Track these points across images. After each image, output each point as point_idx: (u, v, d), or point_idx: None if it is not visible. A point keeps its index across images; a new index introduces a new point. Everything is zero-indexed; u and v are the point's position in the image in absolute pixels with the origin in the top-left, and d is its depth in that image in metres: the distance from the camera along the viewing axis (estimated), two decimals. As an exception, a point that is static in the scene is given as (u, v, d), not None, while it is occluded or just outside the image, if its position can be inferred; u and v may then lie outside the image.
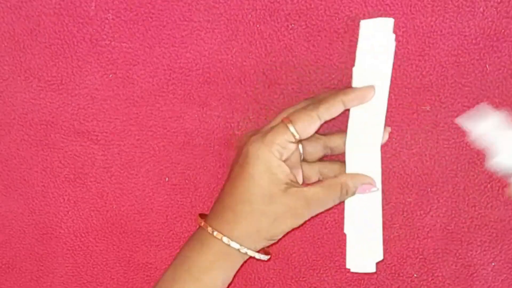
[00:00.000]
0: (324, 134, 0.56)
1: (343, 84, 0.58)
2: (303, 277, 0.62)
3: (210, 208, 0.62)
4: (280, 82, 0.59)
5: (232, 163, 0.52)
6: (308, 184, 0.55)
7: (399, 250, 0.61)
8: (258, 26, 0.58)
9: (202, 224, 0.51)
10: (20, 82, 0.61)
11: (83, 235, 0.63)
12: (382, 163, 0.59)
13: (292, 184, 0.50)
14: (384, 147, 0.59)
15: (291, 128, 0.49)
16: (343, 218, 0.54)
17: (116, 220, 0.63)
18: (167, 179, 0.62)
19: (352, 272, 0.61)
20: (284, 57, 0.58)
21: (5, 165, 0.63)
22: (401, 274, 0.61)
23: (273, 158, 0.49)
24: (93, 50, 0.59)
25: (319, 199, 0.50)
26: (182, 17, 0.58)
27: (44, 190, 0.63)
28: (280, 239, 0.51)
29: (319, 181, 0.53)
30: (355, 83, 0.52)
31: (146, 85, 0.60)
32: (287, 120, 0.50)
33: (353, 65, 0.58)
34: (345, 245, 0.61)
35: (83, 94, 0.60)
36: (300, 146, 0.54)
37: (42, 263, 0.64)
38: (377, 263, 0.61)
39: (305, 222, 0.51)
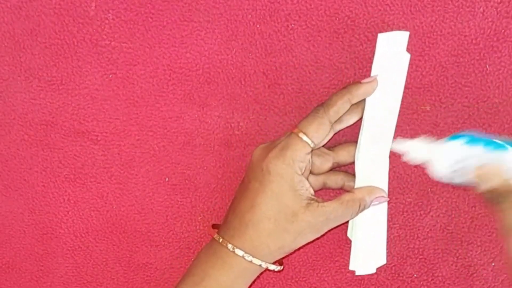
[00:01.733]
0: (331, 149, 0.56)
1: (343, 84, 0.58)
2: (303, 277, 0.62)
3: (209, 208, 0.62)
4: (280, 82, 0.59)
5: (248, 177, 0.52)
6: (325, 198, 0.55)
7: (399, 250, 0.61)
8: (258, 26, 0.58)
9: (221, 241, 0.51)
10: (20, 82, 0.61)
11: (83, 235, 0.63)
12: (382, 163, 0.59)
13: (312, 199, 0.50)
14: (384, 147, 0.59)
15: (304, 138, 0.50)
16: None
17: (116, 220, 0.63)
18: (167, 179, 0.62)
19: (352, 272, 0.61)
20: (284, 57, 0.58)
21: (5, 165, 0.63)
22: (401, 274, 0.61)
23: (295, 175, 0.49)
24: (93, 50, 0.59)
25: (337, 215, 0.51)
26: (182, 17, 0.58)
27: (44, 190, 0.63)
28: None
29: (336, 197, 0.53)
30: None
31: (146, 85, 0.60)
32: (297, 130, 0.50)
33: (353, 65, 0.58)
34: (345, 246, 0.61)
35: (83, 94, 0.60)
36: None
37: (42, 263, 0.64)
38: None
39: (322, 236, 0.52)
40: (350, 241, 0.56)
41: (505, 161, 0.48)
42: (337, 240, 0.61)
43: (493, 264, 0.60)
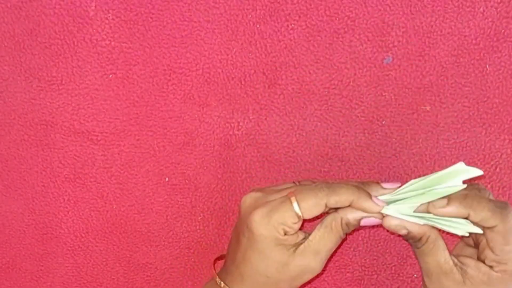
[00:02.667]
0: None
1: (343, 84, 0.58)
2: (303, 277, 0.62)
3: (209, 208, 0.62)
4: (280, 82, 0.59)
5: (237, 229, 0.51)
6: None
7: (399, 250, 0.61)
8: (258, 26, 0.58)
9: (222, 285, 0.51)
10: (20, 82, 0.61)
11: (83, 235, 0.63)
12: (383, 163, 0.59)
13: (299, 242, 0.49)
14: (384, 147, 0.59)
15: (296, 209, 0.48)
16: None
17: (116, 220, 0.63)
18: (167, 179, 0.62)
19: (352, 272, 0.61)
20: (284, 57, 0.58)
21: (5, 165, 0.63)
22: (401, 274, 0.61)
23: (278, 236, 0.48)
24: (93, 50, 0.59)
25: (326, 243, 0.49)
26: (182, 17, 0.58)
27: (44, 190, 0.63)
28: None
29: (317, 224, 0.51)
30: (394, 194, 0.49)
31: (146, 85, 0.60)
32: (293, 196, 0.48)
33: (353, 65, 0.58)
34: (345, 246, 0.61)
35: (83, 94, 0.60)
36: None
37: (42, 263, 0.64)
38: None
39: (324, 269, 0.50)
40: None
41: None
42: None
43: (493, 264, 0.60)
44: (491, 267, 0.47)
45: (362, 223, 0.49)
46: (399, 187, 0.48)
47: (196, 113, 0.60)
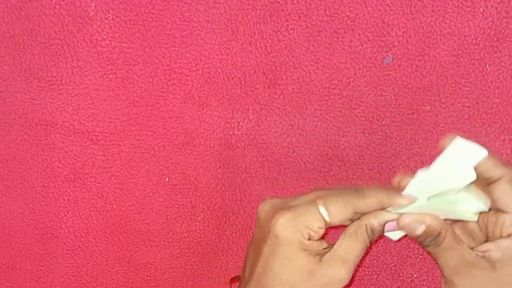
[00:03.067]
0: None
1: (343, 84, 0.58)
2: (303, 277, 0.62)
3: (209, 208, 0.62)
4: (280, 82, 0.59)
5: (257, 237, 0.49)
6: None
7: (399, 250, 0.61)
8: (258, 26, 0.58)
9: None
10: (20, 82, 0.61)
11: (83, 235, 0.63)
12: (383, 163, 0.59)
13: (324, 249, 0.47)
14: (384, 147, 0.59)
15: (322, 210, 0.46)
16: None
17: (116, 220, 0.63)
18: (167, 179, 0.62)
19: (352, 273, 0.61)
20: (284, 57, 0.58)
21: (5, 165, 0.63)
22: (401, 274, 0.61)
23: (305, 241, 0.46)
24: (93, 50, 0.59)
25: (352, 251, 0.47)
26: (182, 17, 0.58)
27: (44, 190, 0.63)
28: None
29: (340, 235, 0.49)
30: (410, 188, 0.47)
31: (146, 85, 0.60)
32: (320, 201, 0.46)
33: (353, 65, 0.58)
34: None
35: (83, 94, 0.60)
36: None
37: (42, 263, 0.64)
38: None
39: (353, 278, 0.48)
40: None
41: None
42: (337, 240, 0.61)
43: (493, 264, 0.60)
44: (510, 235, 0.45)
45: (386, 227, 0.47)
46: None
47: (196, 113, 0.60)
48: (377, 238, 0.49)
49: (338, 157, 0.60)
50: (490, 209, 0.46)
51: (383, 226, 0.47)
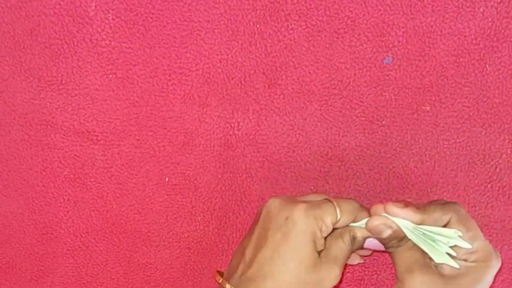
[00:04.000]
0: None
1: (343, 84, 0.58)
2: (303, 277, 0.62)
3: (209, 208, 0.62)
4: (280, 82, 0.59)
5: (266, 228, 0.50)
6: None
7: (399, 250, 0.61)
8: (258, 26, 0.58)
9: None
10: (20, 82, 0.61)
11: (83, 235, 0.63)
12: (383, 163, 0.59)
13: (321, 249, 0.50)
14: (384, 147, 0.59)
15: (338, 211, 0.50)
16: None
17: (116, 220, 0.63)
18: (167, 179, 0.62)
19: (352, 273, 0.61)
20: (284, 57, 0.58)
21: (5, 165, 0.63)
22: (401, 274, 0.61)
23: (318, 231, 0.49)
24: (93, 50, 0.59)
25: (341, 251, 0.50)
26: (182, 17, 0.58)
27: (44, 190, 0.63)
28: None
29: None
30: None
31: (146, 85, 0.60)
32: (335, 200, 0.50)
33: (353, 65, 0.58)
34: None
35: (83, 94, 0.60)
36: None
37: (42, 263, 0.64)
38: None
39: (340, 281, 0.51)
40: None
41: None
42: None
43: (493, 264, 0.60)
44: (465, 260, 0.48)
45: (366, 242, 0.51)
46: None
47: (196, 113, 0.60)
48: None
49: (338, 157, 0.60)
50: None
51: (364, 240, 0.51)
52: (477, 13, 0.56)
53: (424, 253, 0.49)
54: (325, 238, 0.50)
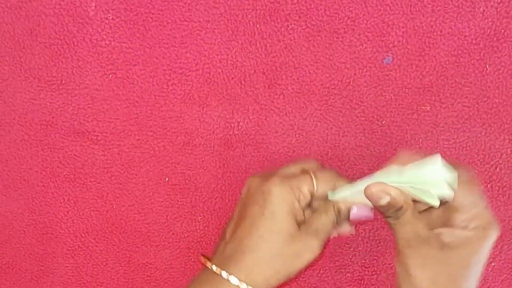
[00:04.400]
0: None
1: (343, 84, 0.58)
2: (303, 277, 0.62)
3: (209, 208, 0.62)
4: (280, 82, 0.59)
5: (245, 204, 0.51)
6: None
7: (399, 250, 0.61)
8: (258, 26, 0.58)
9: (215, 269, 0.49)
10: (20, 82, 0.61)
11: (83, 235, 0.63)
12: (383, 163, 0.59)
13: (302, 222, 0.51)
14: (384, 147, 0.59)
15: (314, 181, 0.50)
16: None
17: (116, 220, 0.63)
18: (167, 179, 0.62)
19: (352, 273, 0.61)
20: (284, 57, 0.58)
21: (5, 165, 0.63)
22: (401, 274, 0.61)
23: (295, 202, 0.49)
24: (93, 50, 0.59)
25: (323, 223, 0.50)
26: (182, 17, 0.58)
27: (44, 190, 0.63)
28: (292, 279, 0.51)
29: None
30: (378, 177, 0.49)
31: (146, 85, 0.60)
32: (311, 171, 0.51)
33: (353, 65, 0.58)
34: (345, 246, 0.61)
35: (83, 94, 0.60)
36: None
37: (42, 263, 0.64)
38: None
39: (320, 256, 0.51)
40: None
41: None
42: (337, 240, 0.61)
43: (493, 264, 0.60)
44: (464, 227, 0.48)
45: (351, 215, 0.51)
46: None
47: (196, 113, 0.60)
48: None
49: (338, 157, 0.60)
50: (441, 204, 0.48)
51: (349, 210, 0.51)
52: (477, 13, 0.56)
53: (424, 226, 0.48)
54: (308, 211, 0.51)
